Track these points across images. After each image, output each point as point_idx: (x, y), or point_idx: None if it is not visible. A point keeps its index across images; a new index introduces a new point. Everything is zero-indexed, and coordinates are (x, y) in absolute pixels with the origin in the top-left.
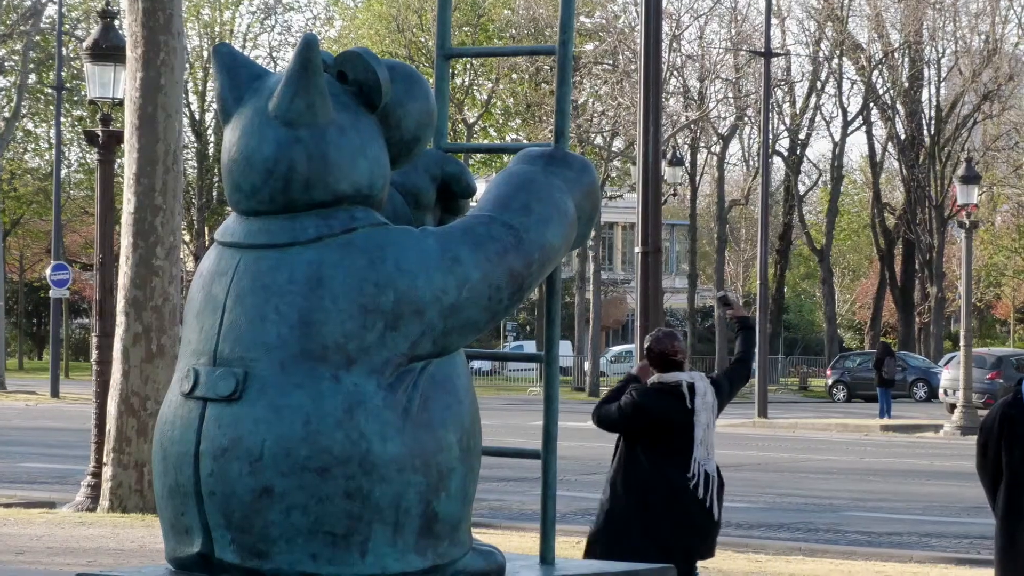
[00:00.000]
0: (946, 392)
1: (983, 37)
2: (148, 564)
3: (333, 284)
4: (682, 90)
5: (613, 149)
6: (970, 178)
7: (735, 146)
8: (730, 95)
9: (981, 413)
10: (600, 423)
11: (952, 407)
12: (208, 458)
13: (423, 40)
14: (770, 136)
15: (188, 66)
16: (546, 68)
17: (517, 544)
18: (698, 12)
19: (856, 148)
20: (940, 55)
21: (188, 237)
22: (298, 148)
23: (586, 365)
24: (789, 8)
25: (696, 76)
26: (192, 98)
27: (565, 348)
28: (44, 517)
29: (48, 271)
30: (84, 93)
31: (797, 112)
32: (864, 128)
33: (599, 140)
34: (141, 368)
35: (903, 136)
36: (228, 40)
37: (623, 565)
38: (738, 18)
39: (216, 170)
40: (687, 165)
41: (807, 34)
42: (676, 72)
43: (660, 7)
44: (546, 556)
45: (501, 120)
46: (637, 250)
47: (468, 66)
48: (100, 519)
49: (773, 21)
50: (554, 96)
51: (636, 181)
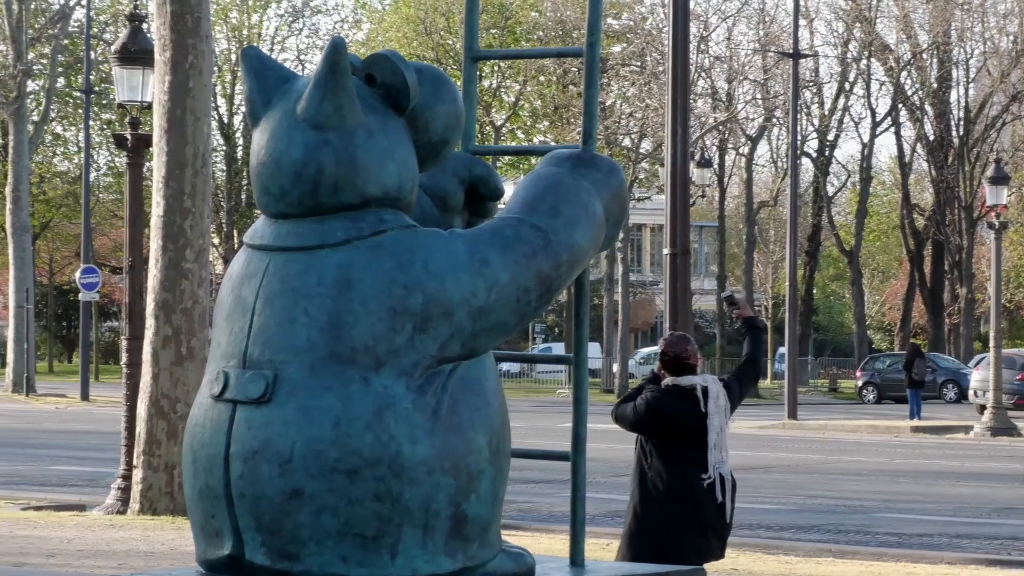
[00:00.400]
0: (976, 393)
1: (1011, 38)
2: (179, 566)
3: (362, 286)
4: (710, 91)
5: (641, 151)
6: (999, 179)
7: (763, 147)
8: (758, 96)
9: (1011, 414)
10: (617, 421)
11: (982, 408)
12: (238, 460)
13: (451, 43)
14: (798, 137)
15: (216, 69)
16: (574, 70)
17: (547, 546)
18: (726, 13)
19: (885, 149)
20: (968, 56)
21: (217, 240)
22: (326, 151)
23: (615, 367)
24: (817, 9)
25: (724, 77)
26: (220, 101)
27: (594, 350)
28: (75, 520)
29: (78, 274)
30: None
31: (825, 113)
32: (893, 129)
33: (627, 142)
34: (171, 371)
35: (932, 137)
36: (256, 43)
37: (653, 567)
38: (766, 19)
39: (245, 173)
40: (715, 167)
41: (835, 35)
42: (704, 73)
43: (688, 9)
44: (576, 558)
45: (529, 122)
46: (665, 252)
47: (496, 68)
48: (130, 522)
49: (801, 22)
50: (582, 98)
51: (664, 183)
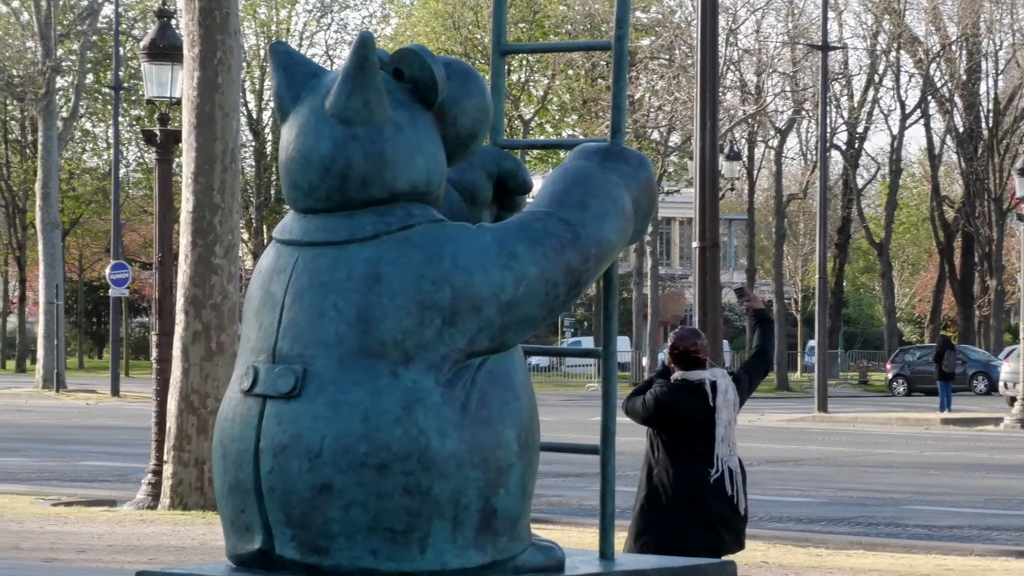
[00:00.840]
0: (1006, 385)
1: None
2: (209, 561)
3: (391, 281)
4: (739, 84)
5: (670, 144)
6: None
7: (792, 140)
8: (787, 89)
9: None
10: (628, 414)
11: (1012, 400)
12: (268, 455)
13: (479, 37)
14: (828, 130)
15: (245, 65)
16: (602, 64)
17: (577, 540)
18: (754, 6)
19: (914, 141)
20: (998, 48)
21: (247, 235)
22: (355, 146)
23: (644, 361)
24: (846, 1)
25: (753, 70)
26: (249, 97)
27: (623, 344)
28: (105, 515)
29: (108, 270)
30: (142, 92)
31: (855, 105)
32: (922, 121)
33: (656, 135)
34: (201, 366)
35: (961, 129)
36: (284, 38)
37: (683, 560)
38: (795, 12)
39: (274, 168)
40: (744, 159)
41: (864, 27)
42: (733, 66)
43: (716, 1)
44: (606, 551)
45: (557, 116)
46: (695, 245)
47: (524, 62)
48: (161, 517)
49: (830, 15)
50: (610, 92)
51: (693, 176)
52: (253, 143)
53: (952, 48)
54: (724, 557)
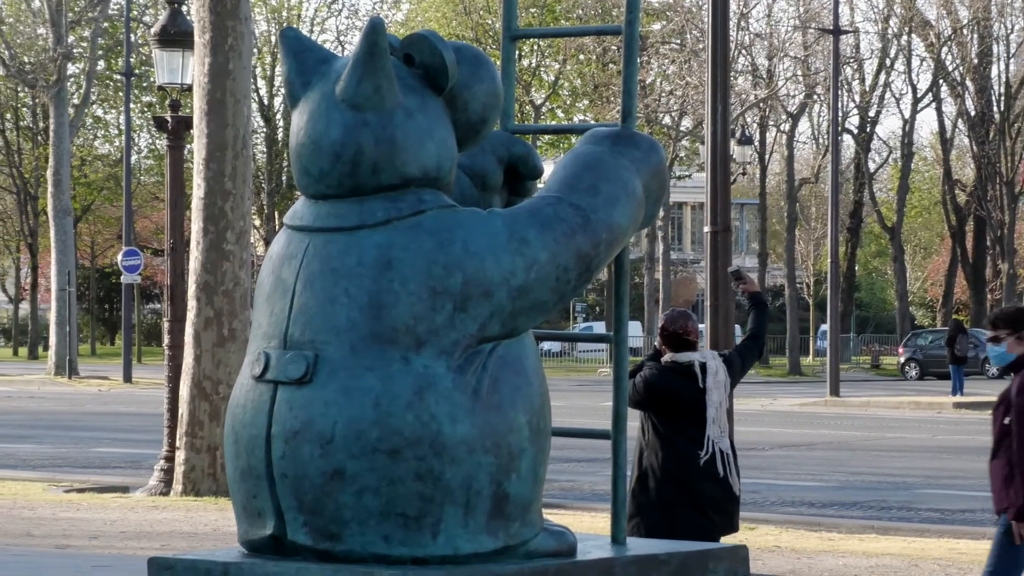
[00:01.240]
0: None
1: None
2: (221, 547)
3: (402, 266)
4: (750, 68)
5: (681, 129)
6: None
7: (804, 124)
8: (799, 73)
9: None
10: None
11: None
12: (279, 441)
13: (490, 22)
14: (839, 114)
15: (256, 51)
16: (613, 48)
17: (588, 524)
18: None
19: (926, 125)
20: (1009, 31)
21: (258, 222)
22: (365, 132)
23: (656, 345)
24: None
25: (764, 54)
26: (260, 83)
27: (635, 328)
28: (118, 501)
29: (119, 257)
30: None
31: (866, 89)
32: (934, 105)
33: (667, 120)
34: (213, 352)
35: (973, 112)
36: (295, 24)
37: (695, 544)
38: None
39: (285, 155)
40: (756, 144)
41: (875, 11)
42: (744, 50)
43: None
44: (617, 536)
45: (568, 101)
46: (706, 230)
47: (535, 47)
48: (173, 503)
49: None
50: (621, 76)
51: (705, 160)
52: (264, 129)
53: (963, 31)
54: (719, 540)
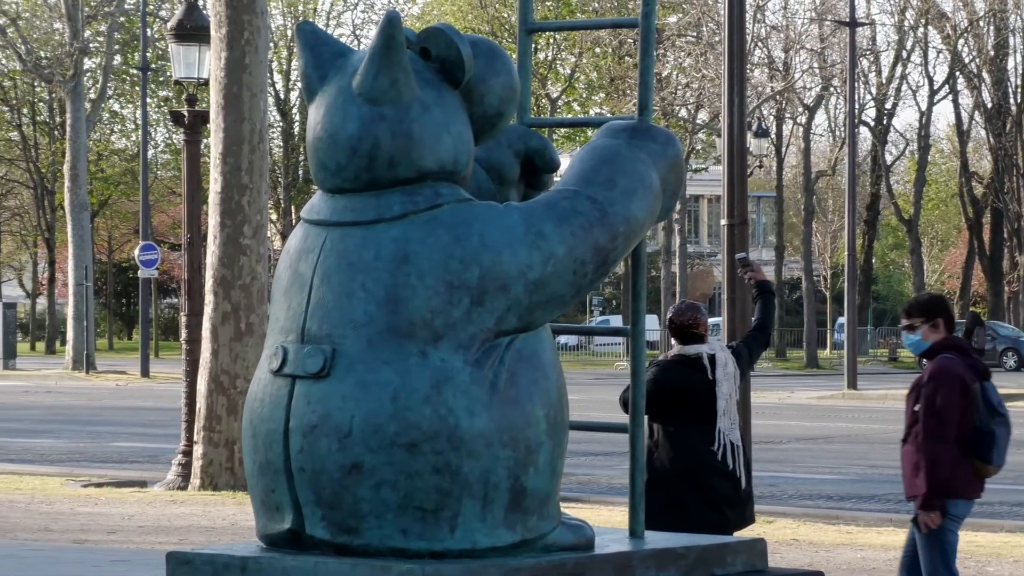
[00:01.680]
0: None
1: None
2: (239, 541)
3: (419, 260)
4: (767, 61)
5: (697, 121)
6: None
7: (821, 116)
8: (815, 65)
9: None
10: (625, 408)
11: None
12: (297, 435)
13: (506, 15)
14: (856, 106)
15: (272, 45)
16: (629, 41)
17: (606, 518)
18: None
19: (943, 117)
20: None
21: (275, 216)
22: (382, 125)
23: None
24: None
25: (781, 47)
26: (277, 77)
27: (651, 322)
28: (135, 496)
29: (136, 251)
30: (169, 74)
31: (883, 81)
32: (950, 97)
33: (683, 112)
34: (230, 346)
35: (989, 105)
36: (311, 18)
37: (713, 538)
38: None
39: (302, 149)
40: (773, 136)
41: (892, 3)
42: (760, 43)
43: None
44: (635, 530)
45: (585, 94)
46: (723, 223)
47: (551, 40)
48: (191, 497)
49: None
50: (637, 69)
51: (721, 153)
52: (281, 123)
53: (980, 23)
54: (734, 534)
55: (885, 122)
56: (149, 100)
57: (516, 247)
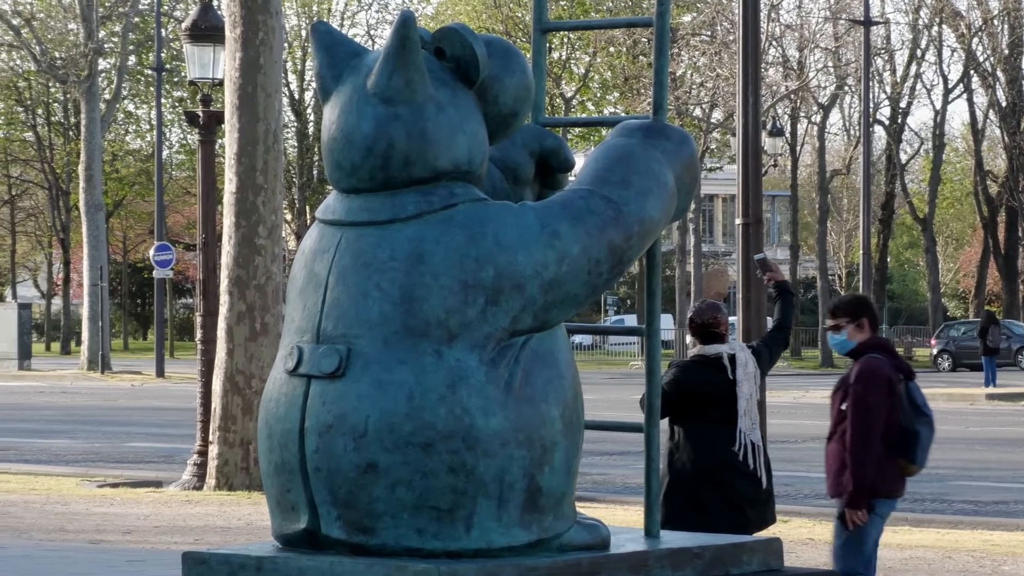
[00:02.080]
0: None
1: None
2: (255, 541)
3: (434, 260)
4: (781, 60)
5: (712, 121)
6: None
7: (835, 115)
8: (830, 64)
9: None
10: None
11: None
12: (313, 435)
13: (520, 15)
14: (871, 105)
15: (287, 45)
16: (644, 41)
17: (622, 518)
18: None
19: (957, 116)
20: None
21: (290, 216)
22: (397, 125)
23: (688, 338)
24: None
25: (795, 46)
26: (291, 77)
27: (666, 321)
28: (151, 496)
29: (151, 252)
30: (184, 74)
31: (898, 80)
32: (965, 96)
33: (698, 112)
34: (245, 346)
35: (1004, 103)
36: (326, 18)
37: (728, 537)
38: None
39: (316, 149)
40: (787, 135)
41: (906, 2)
42: (775, 42)
43: None
44: (651, 529)
45: (599, 94)
46: (738, 222)
47: (565, 40)
48: (207, 497)
49: None
50: (652, 69)
51: (736, 152)
52: (295, 123)
53: (994, 22)
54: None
55: (900, 121)
56: (164, 100)
57: (531, 246)
